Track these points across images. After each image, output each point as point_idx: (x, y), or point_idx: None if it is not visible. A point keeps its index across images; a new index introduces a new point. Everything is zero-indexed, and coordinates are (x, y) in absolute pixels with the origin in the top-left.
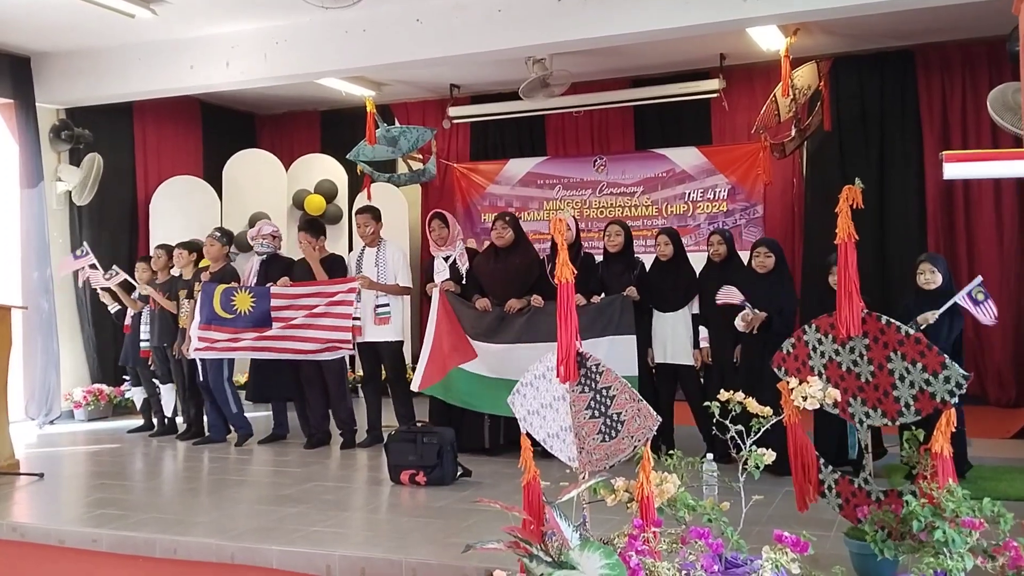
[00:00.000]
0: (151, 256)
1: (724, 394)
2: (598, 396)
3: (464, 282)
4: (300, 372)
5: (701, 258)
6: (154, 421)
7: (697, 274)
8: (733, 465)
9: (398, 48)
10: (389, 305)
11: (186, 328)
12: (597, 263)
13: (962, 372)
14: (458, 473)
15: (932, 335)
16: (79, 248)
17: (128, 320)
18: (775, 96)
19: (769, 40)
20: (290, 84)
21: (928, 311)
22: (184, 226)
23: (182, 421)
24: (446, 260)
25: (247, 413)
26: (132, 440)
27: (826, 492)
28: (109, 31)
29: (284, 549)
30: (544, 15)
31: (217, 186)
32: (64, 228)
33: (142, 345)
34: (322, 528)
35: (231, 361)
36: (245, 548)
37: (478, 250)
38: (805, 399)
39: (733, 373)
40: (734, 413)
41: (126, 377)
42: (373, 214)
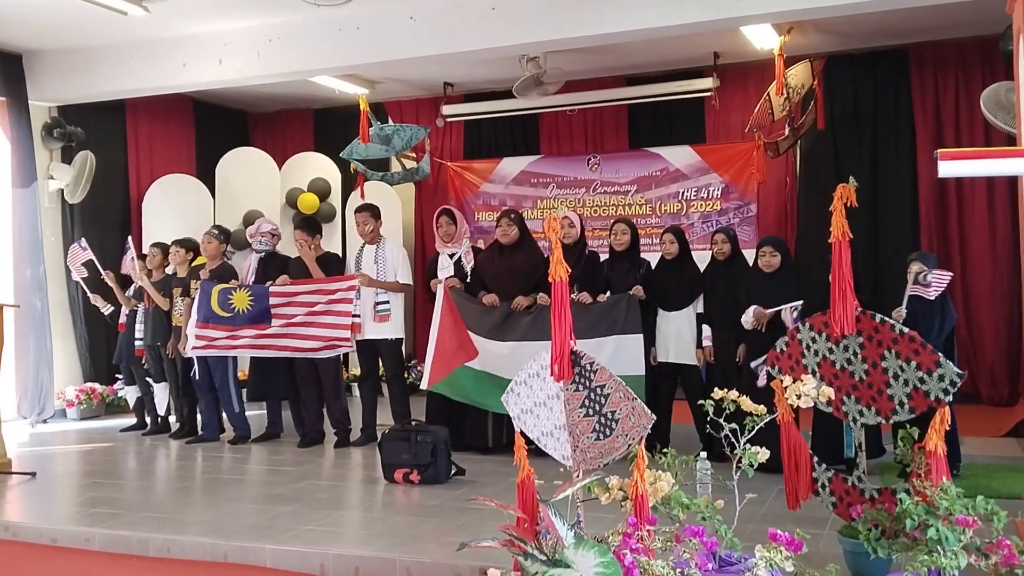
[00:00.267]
0: (146, 254)
1: (718, 392)
2: (592, 395)
3: (468, 280)
4: (295, 371)
5: (697, 257)
6: (147, 420)
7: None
8: (728, 463)
9: (392, 46)
10: (389, 302)
11: (181, 327)
12: (602, 261)
13: (956, 370)
14: (452, 472)
15: (923, 332)
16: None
17: (122, 319)
18: (769, 95)
19: (763, 39)
20: (283, 82)
21: (916, 310)
22: (177, 224)
23: (175, 420)
24: (451, 257)
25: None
26: (125, 439)
27: (820, 490)
28: (102, 28)
29: (278, 548)
30: (538, 13)
31: (210, 184)
32: (56, 226)
33: (136, 344)
34: (316, 527)
35: (235, 359)
36: (238, 547)
37: (480, 248)
38: (799, 397)
39: (736, 372)
40: (728, 412)
41: (119, 376)
42: (372, 212)
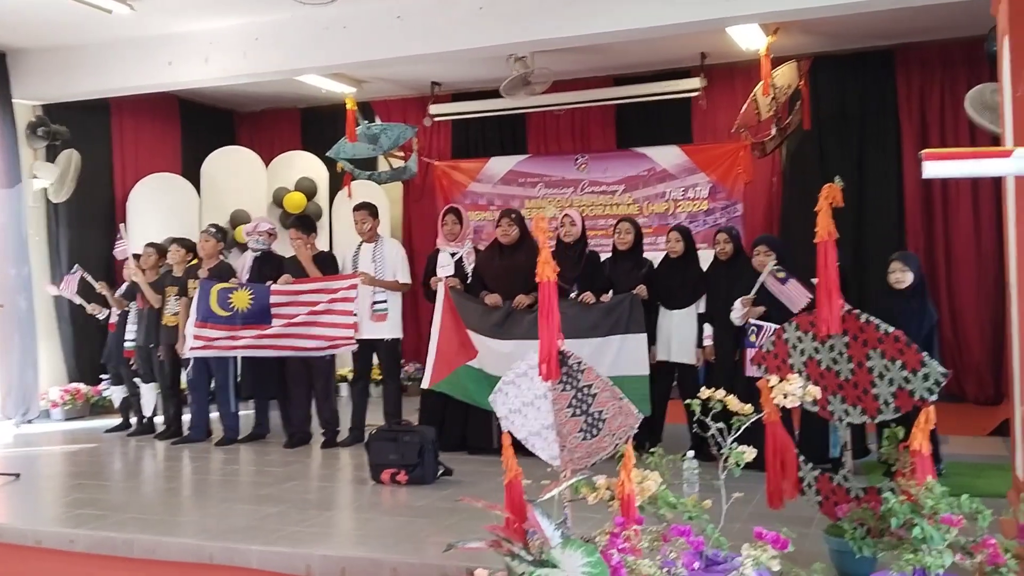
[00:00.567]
0: (139, 254)
1: (705, 392)
2: (579, 394)
3: (468, 281)
4: (286, 370)
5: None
6: (131, 420)
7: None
8: (716, 463)
9: (379, 45)
10: (386, 302)
11: (177, 326)
12: (603, 260)
13: (941, 370)
14: (439, 472)
15: (903, 329)
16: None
17: (113, 319)
18: (755, 95)
19: (750, 39)
20: (270, 81)
21: (895, 310)
22: (163, 224)
23: (160, 421)
24: (452, 256)
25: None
26: (110, 440)
27: (805, 489)
28: (86, 26)
29: (264, 549)
30: (526, 13)
31: (196, 183)
32: (41, 226)
33: (126, 345)
34: (302, 528)
35: (235, 360)
36: (224, 548)
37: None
38: (785, 397)
39: (733, 372)
40: (715, 411)
41: (103, 377)
42: (371, 210)
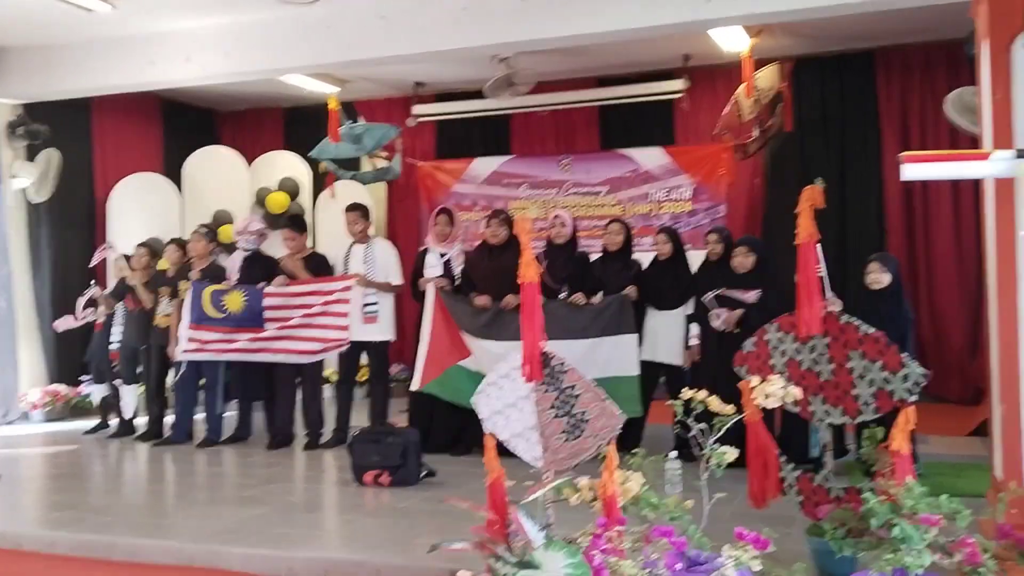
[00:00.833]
0: (130, 255)
1: (687, 392)
2: (562, 395)
3: (457, 283)
4: (274, 371)
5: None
6: (110, 422)
7: (694, 273)
8: (698, 463)
9: (362, 45)
10: (377, 304)
11: (169, 327)
12: (592, 261)
13: (921, 371)
14: (423, 473)
15: (878, 330)
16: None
17: (101, 318)
18: (738, 97)
19: (732, 41)
20: (252, 81)
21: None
22: (144, 224)
23: (141, 422)
24: (441, 257)
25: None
26: (90, 441)
27: (787, 490)
28: (66, 25)
29: (246, 551)
30: (509, 14)
31: (178, 183)
32: (21, 226)
33: (111, 347)
34: (285, 530)
35: (224, 361)
36: (206, 550)
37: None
38: (767, 397)
39: (722, 373)
40: (697, 412)
41: (82, 379)
42: (362, 211)
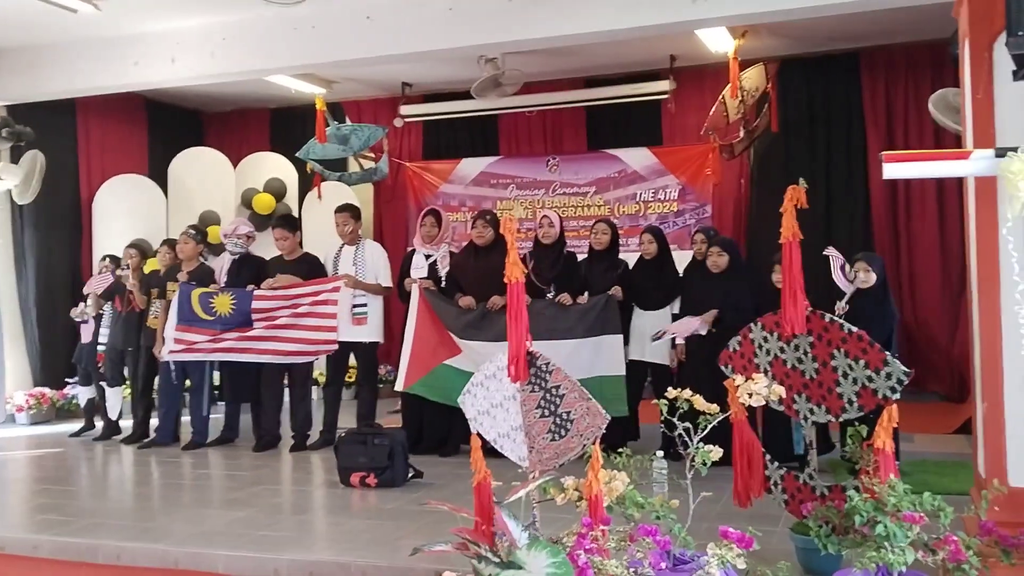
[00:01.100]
0: (120, 257)
1: (672, 392)
2: (548, 395)
3: (443, 284)
4: (261, 372)
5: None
6: (96, 424)
7: (681, 273)
8: (684, 462)
9: (348, 45)
10: (366, 305)
11: (156, 328)
12: (580, 261)
13: (903, 369)
14: (409, 475)
15: (865, 329)
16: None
17: (90, 319)
18: (724, 97)
19: (718, 42)
20: (238, 81)
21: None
22: (129, 225)
23: (127, 424)
24: (427, 258)
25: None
26: (75, 444)
27: (772, 488)
28: (51, 26)
29: (231, 554)
30: (495, 14)
31: (163, 185)
32: (6, 228)
33: (98, 348)
34: (270, 532)
35: (212, 363)
36: (190, 553)
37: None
38: (751, 396)
39: (707, 372)
40: (682, 411)
41: (69, 380)
42: (353, 212)
